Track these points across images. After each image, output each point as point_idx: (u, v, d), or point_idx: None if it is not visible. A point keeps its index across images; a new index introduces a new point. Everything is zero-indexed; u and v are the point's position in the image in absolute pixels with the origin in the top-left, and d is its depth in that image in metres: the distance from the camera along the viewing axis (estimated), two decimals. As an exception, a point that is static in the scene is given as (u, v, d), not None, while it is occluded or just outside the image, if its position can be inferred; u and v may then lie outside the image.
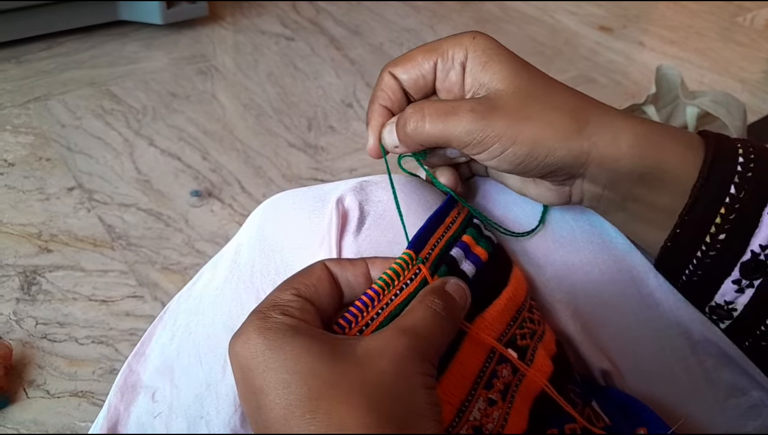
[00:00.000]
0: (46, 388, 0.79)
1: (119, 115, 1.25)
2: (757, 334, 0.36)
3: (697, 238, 0.35)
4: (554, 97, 0.35)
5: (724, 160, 0.34)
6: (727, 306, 0.36)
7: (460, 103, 0.35)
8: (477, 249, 0.37)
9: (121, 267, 0.95)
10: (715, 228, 0.34)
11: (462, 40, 0.37)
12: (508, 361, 0.34)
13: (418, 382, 0.28)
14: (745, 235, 0.34)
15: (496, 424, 0.32)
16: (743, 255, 0.34)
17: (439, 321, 0.30)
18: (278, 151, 1.21)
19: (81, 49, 1.42)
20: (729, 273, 0.35)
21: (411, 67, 0.38)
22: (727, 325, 0.38)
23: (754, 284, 0.34)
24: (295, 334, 0.28)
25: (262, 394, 0.27)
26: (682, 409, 0.40)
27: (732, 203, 0.33)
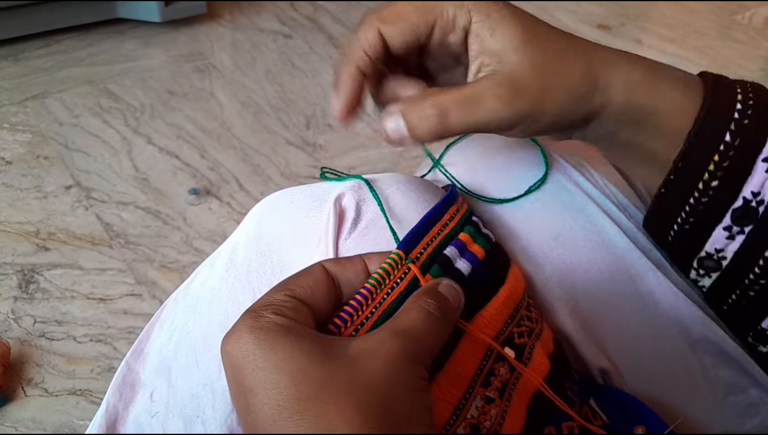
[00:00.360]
0: (45, 386, 0.79)
1: (117, 113, 1.25)
2: (746, 283, 0.36)
3: (690, 185, 0.35)
4: (567, 60, 0.34)
5: (720, 106, 0.34)
6: (717, 254, 0.36)
7: (480, 89, 0.33)
8: (474, 247, 0.37)
9: (120, 265, 0.95)
10: (708, 175, 0.34)
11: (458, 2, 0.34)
12: (506, 359, 0.34)
13: (409, 384, 0.27)
14: (737, 182, 0.34)
15: (493, 422, 0.32)
16: (735, 202, 0.34)
17: (433, 322, 0.30)
18: (276, 149, 1.21)
19: (79, 46, 1.42)
20: (720, 220, 0.35)
21: (404, 27, 0.35)
22: (715, 277, 0.38)
23: (744, 231, 0.35)
24: (287, 333, 0.27)
25: (251, 393, 0.27)
26: (680, 407, 0.40)
27: (726, 151, 0.33)
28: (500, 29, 0.33)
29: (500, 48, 0.33)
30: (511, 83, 0.33)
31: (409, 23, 0.35)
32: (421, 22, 0.35)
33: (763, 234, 0.34)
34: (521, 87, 0.33)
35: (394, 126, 0.35)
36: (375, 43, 0.35)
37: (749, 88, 0.35)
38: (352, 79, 0.36)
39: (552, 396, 0.34)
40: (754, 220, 0.34)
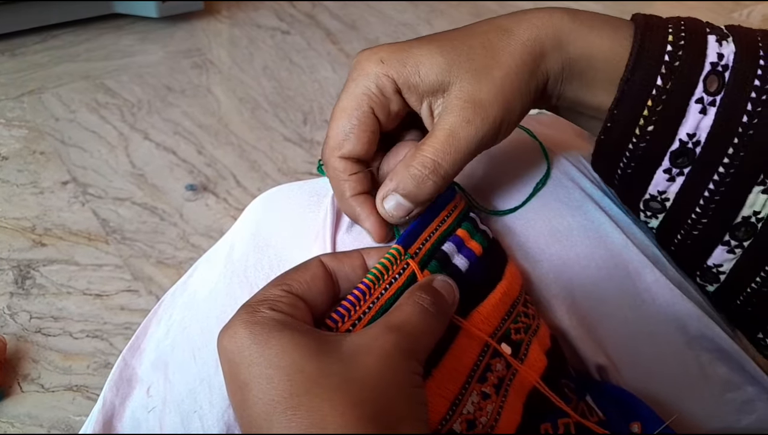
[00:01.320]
0: (41, 382, 0.79)
1: (114, 109, 1.24)
2: (689, 222, 0.37)
3: (627, 131, 0.35)
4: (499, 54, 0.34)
5: (650, 49, 0.34)
6: (660, 196, 0.37)
7: (448, 125, 0.33)
8: (471, 243, 0.37)
9: (116, 261, 0.95)
10: (643, 120, 0.34)
11: (366, 70, 0.34)
12: (502, 356, 0.34)
13: (404, 380, 0.27)
14: (672, 125, 0.34)
15: (489, 417, 0.32)
16: (672, 144, 0.35)
17: (428, 317, 0.30)
18: (274, 145, 1.21)
19: (76, 42, 1.41)
20: (660, 163, 0.35)
21: (351, 140, 0.34)
22: (662, 218, 0.38)
23: (684, 172, 0.35)
24: (282, 328, 0.27)
25: (246, 388, 0.27)
26: (677, 404, 0.40)
27: (658, 95, 0.34)
28: (423, 67, 0.33)
29: (436, 81, 0.34)
30: (470, 104, 0.33)
31: (352, 133, 0.34)
32: (357, 122, 0.34)
33: (700, 174, 0.35)
34: (479, 101, 0.33)
35: (394, 204, 0.35)
36: (349, 167, 0.35)
37: (682, 27, 0.35)
38: (362, 203, 0.36)
39: (548, 393, 0.34)
40: (692, 161, 0.35)
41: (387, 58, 0.34)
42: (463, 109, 0.33)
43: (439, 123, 0.34)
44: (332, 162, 0.35)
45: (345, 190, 0.35)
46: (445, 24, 1.69)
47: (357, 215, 0.36)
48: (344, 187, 0.35)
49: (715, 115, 0.33)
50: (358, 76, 0.34)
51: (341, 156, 0.35)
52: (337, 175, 0.35)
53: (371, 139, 0.35)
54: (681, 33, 0.34)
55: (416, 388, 0.28)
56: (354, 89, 0.34)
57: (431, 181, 0.34)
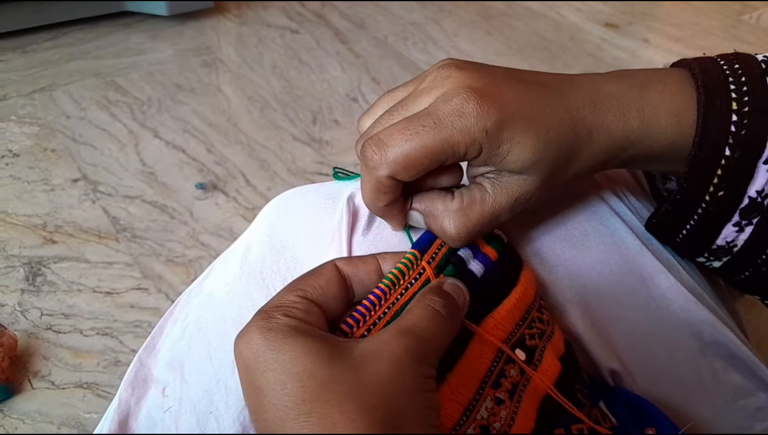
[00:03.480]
0: (51, 379, 0.79)
1: (124, 107, 1.25)
2: (758, 262, 0.38)
3: (697, 199, 0.36)
4: (578, 161, 0.35)
5: (716, 123, 0.34)
6: (728, 245, 0.38)
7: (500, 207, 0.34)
8: (486, 248, 0.37)
9: (126, 259, 0.95)
10: (713, 187, 0.35)
11: (470, 129, 0.31)
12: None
13: (415, 385, 0.27)
14: (742, 186, 0.35)
15: (503, 423, 0.32)
16: (741, 202, 0.36)
17: (439, 320, 0.30)
18: (283, 144, 1.21)
19: (86, 39, 1.42)
20: (729, 219, 0.37)
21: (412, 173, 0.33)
22: (725, 260, 0.39)
23: (752, 222, 0.36)
24: (296, 334, 0.28)
25: (261, 394, 0.27)
26: (690, 410, 0.40)
27: (728, 164, 0.34)
28: (511, 157, 0.32)
29: (515, 167, 0.33)
30: (525, 195, 0.34)
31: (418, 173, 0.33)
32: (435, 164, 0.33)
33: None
34: (532, 196, 0.34)
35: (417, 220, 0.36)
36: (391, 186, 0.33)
37: (744, 92, 0.35)
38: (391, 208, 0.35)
39: (561, 400, 0.34)
40: (760, 211, 0.36)
41: (492, 133, 0.31)
42: (516, 199, 0.34)
43: (492, 197, 0.34)
44: (380, 175, 0.32)
45: (381, 200, 0.34)
46: (453, 24, 1.69)
47: (385, 216, 0.36)
48: (383, 198, 0.34)
49: None
50: (456, 129, 0.31)
51: (392, 176, 0.32)
52: (379, 188, 0.33)
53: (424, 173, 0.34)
54: (744, 97, 0.34)
55: (427, 393, 0.28)
56: (445, 137, 0.31)
57: (456, 244, 0.35)
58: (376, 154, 0.32)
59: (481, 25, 1.71)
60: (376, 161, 0.32)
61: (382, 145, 0.32)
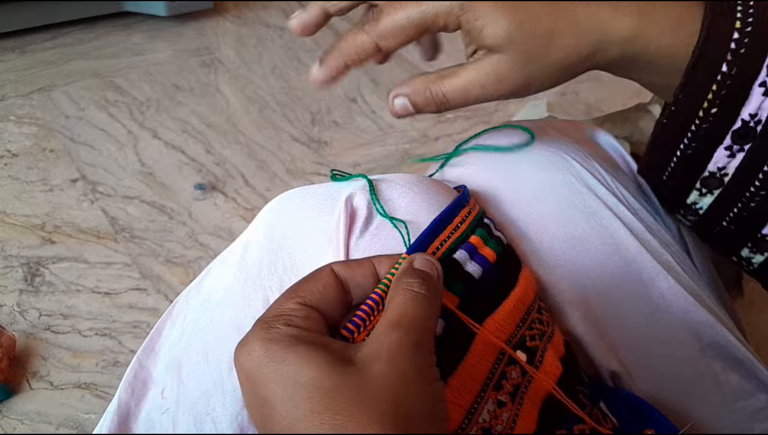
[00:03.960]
0: (50, 379, 0.79)
1: (123, 107, 1.25)
2: (747, 195, 0.38)
3: (690, 114, 0.37)
4: (553, 46, 0.36)
5: (717, 38, 0.35)
6: (719, 172, 0.39)
7: (468, 79, 0.37)
8: (485, 250, 0.37)
9: (125, 259, 0.95)
10: (707, 103, 0.36)
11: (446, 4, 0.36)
12: (518, 363, 0.34)
13: (418, 377, 0.27)
14: (736, 106, 0.36)
15: (505, 425, 0.32)
16: (734, 124, 0.36)
17: (421, 301, 0.30)
18: (282, 145, 1.21)
19: (85, 40, 1.42)
20: (721, 141, 0.37)
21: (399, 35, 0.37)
22: (717, 194, 0.40)
23: (744, 148, 0.37)
24: (298, 344, 0.28)
25: (268, 405, 0.27)
26: (690, 411, 0.40)
27: (723, 80, 0.35)
28: (487, 29, 0.35)
29: (491, 45, 0.35)
30: (506, 79, 0.36)
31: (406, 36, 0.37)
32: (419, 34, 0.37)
33: (761, 148, 0.37)
34: (515, 81, 0.36)
35: (401, 105, 0.39)
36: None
37: (750, 12, 0.35)
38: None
39: (565, 400, 0.34)
40: (753, 138, 0.36)
41: (467, 6, 0.35)
42: (486, 76, 0.36)
43: (466, 71, 0.37)
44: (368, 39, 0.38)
45: (355, 55, 0.39)
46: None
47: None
48: (356, 54, 0.39)
49: None
50: (439, 2, 0.35)
51: (377, 42, 0.38)
52: (361, 46, 0.38)
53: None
54: (749, 18, 0.35)
55: (432, 384, 0.28)
56: (428, 9, 0.36)
57: (435, 107, 0.38)
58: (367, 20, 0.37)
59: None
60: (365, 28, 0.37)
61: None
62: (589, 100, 1.44)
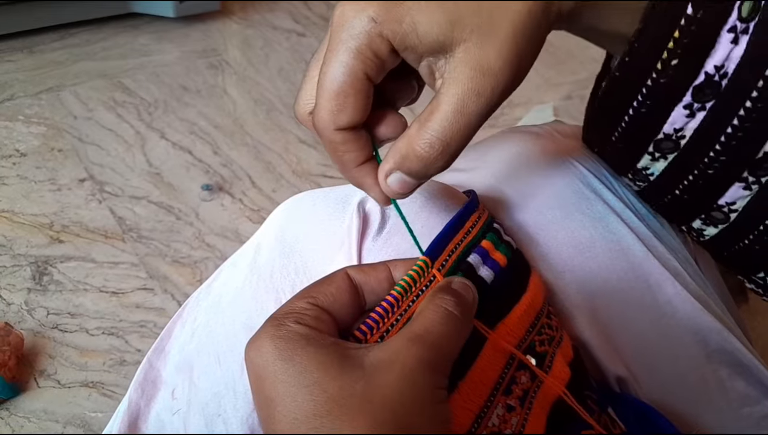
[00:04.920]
0: (57, 377, 0.80)
1: (131, 108, 1.25)
2: (705, 161, 0.33)
3: (647, 66, 0.32)
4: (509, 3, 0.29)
5: None
6: (676, 135, 0.34)
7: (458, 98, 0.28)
8: (496, 254, 0.37)
9: (132, 259, 0.96)
10: (667, 53, 0.31)
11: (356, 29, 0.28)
12: (527, 368, 0.35)
13: (427, 397, 0.27)
14: (699, 57, 0.30)
15: (514, 429, 0.32)
16: (696, 78, 0.31)
17: (452, 321, 0.29)
18: (288, 146, 1.21)
19: (93, 40, 1.42)
20: (680, 98, 0.32)
21: (348, 111, 0.30)
22: (672, 159, 0.35)
23: (705, 107, 0.32)
24: (306, 344, 0.27)
25: (272, 404, 0.27)
26: (696, 417, 0.41)
27: (688, 25, 0.29)
28: (422, 26, 0.28)
29: (437, 42, 0.28)
30: (478, 72, 0.28)
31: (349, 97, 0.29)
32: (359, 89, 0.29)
33: (724, 107, 0.32)
34: (488, 68, 0.28)
35: (398, 183, 0.31)
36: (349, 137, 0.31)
37: None
38: (366, 174, 0.32)
39: (575, 405, 0.34)
40: (716, 94, 0.31)
41: (379, 15, 0.28)
42: (471, 78, 0.28)
43: (445, 93, 0.29)
44: (328, 135, 0.30)
45: (347, 162, 0.32)
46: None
47: (362, 185, 0.33)
48: (346, 159, 0.31)
49: (747, 42, 0.29)
50: (347, 37, 0.28)
51: (338, 128, 0.30)
52: (336, 148, 0.31)
53: (367, 104, 0.30)
54: None
55: (439, 405, 0.27)
56: (344, 54, 0.29)
57: (441, 162, 0.30)
58: (314, 118, 0.30)
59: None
60: (315, 125, 0.30)
61: (314, 109, 0.30)
62: (595, 104, 1.44)
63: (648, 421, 0.38)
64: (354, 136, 0.31)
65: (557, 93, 1.46)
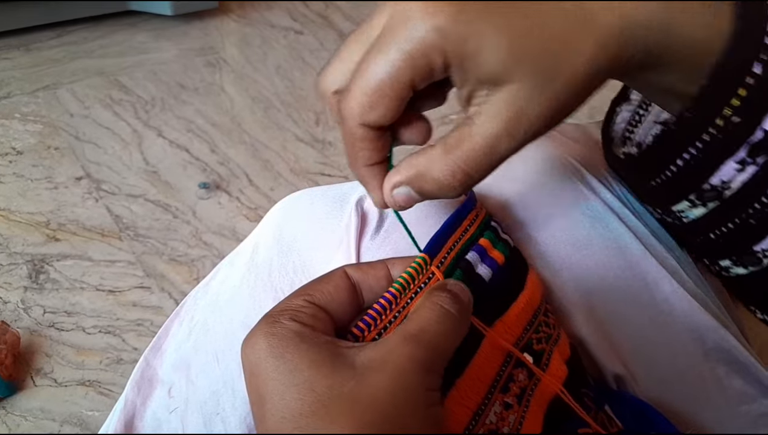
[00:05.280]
0: (54, 376, 0.80)
1: (128, 106, 1.25)
2: (748, 212, 0.33)
3: (707, 122, 0.31)
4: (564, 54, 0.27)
5: (751, 32, 0.29)
6: (722, 186, 0.33)
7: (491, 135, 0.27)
8: (494, 252, 0.37)
9: (129, 257, 0.96)
10: (730, 110, 0.30)
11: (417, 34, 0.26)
12: (524, 366, 0.35)
13: (418, 400, 0.26)
14: (759, 114, 0.30)
15: (511, 427, 0.32)
16: (753, 135, 0.30)
17: (449, 320, 0.29)
18: (286, 145, 1.21)
19: (90, 38, 1.42)
20: (734, 153, 0.31)
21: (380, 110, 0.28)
22: (712, 207, 0.34)
23: (757, 162, 0.31)
24: (300, 341, 0.27)
25: (262, 401, 0.27)
26: (693, 415, 0.41)
27: (757, 84, 0.29)
28: (485, 53, 0.26)
29: (492, 74, 0.27)
30: (519, 116, 0.27)
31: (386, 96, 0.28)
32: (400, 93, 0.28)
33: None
34: (529, 115, 0.28)
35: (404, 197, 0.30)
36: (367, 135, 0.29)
37: None
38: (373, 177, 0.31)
39: (571, 403, 0.34)
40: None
41: (446, 28, 0.26)
42: (509, 120, 0.27)
43: (480, 127, 0.28)
44: (350, 126, 0.29)
45: (360, 158, 0.30)
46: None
47: (366, 184, 0.32)
48: (360, 155, 0.30)
49: None
50: (404, 38, 0.26)
51: (364, 123, 0.29)
52: (353, 142, 0.30)
53: (401, 109, 0.29)
54: None
55: (431, 408, 0.27)
56: (395, 54, 0.26)
57: (456, 192, 0.29)
58: (342, 104, 0.29)
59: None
60: (341, 111, 0.29)
61: (344, 94, 0.28)
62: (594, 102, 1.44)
63: (645, 419, 0.38)
64: (376, 136, 0.29)
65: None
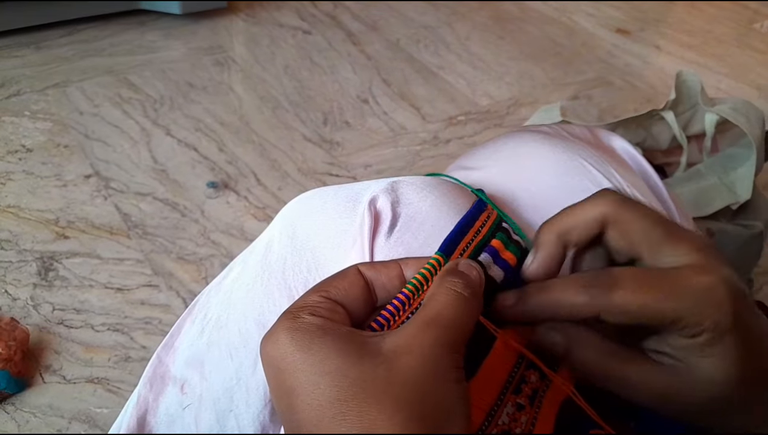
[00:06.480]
0: (62, 373, 0.80)
1: (137, 104, 1.25)
2: None
3: None
4: None
5: None
6: None
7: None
8: (506, 254, 0.37)
9: (137, 256, 0.96)
10: None
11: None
12: (536, 367, 0.35)
13: (447, 376, 0.28)
14: None
15: (523, 428, 0.32)
16: None
17: (462, 303, 0.30)
18: (294, 144, 1.21)
19: (100, 36, 1.43)
20: None
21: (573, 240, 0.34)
22: None
23: None
24: (323, 334, 0.28)
25: (293, 394, 0.27)
26: None
27: None
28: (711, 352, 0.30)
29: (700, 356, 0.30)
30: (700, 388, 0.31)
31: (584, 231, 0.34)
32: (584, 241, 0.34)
33: None
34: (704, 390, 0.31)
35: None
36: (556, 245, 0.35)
37: None
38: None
39: (583, 404, 0.35)
40: None
41: (717, 323, 0.29)
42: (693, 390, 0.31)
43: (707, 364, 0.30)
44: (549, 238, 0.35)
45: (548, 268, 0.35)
46: (466, 27, 1.69)
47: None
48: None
49: None
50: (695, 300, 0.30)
51: (562, 240, 0.34)
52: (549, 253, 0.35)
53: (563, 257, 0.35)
54: None
55: (460, 383, 0.28)
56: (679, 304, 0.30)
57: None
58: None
59: (493, 29, 1.71)
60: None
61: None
62: (602, 104, 1.44)
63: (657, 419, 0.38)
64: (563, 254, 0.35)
65: (564, 93, 1.46)
